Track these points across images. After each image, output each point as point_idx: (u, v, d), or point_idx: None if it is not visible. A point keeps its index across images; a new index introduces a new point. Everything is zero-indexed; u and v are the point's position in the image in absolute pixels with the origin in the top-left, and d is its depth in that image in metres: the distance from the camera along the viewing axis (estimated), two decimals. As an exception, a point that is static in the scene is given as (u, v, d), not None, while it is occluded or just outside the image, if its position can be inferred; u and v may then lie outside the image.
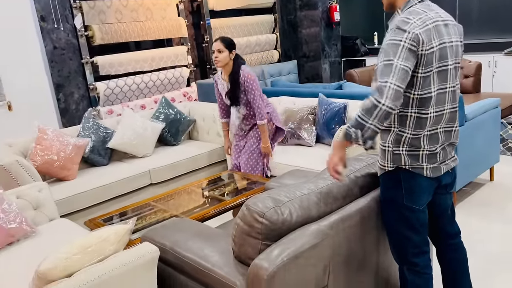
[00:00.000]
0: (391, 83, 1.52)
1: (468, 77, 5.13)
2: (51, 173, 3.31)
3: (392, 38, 1.57)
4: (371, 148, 1.65)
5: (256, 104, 3.24)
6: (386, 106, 1.52)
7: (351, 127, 1.61)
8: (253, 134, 3.42)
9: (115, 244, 1.69)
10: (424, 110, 1.63)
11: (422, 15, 1.60)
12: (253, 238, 1.58)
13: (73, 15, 4.83)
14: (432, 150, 1.68)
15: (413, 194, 1.70)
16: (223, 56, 3.17)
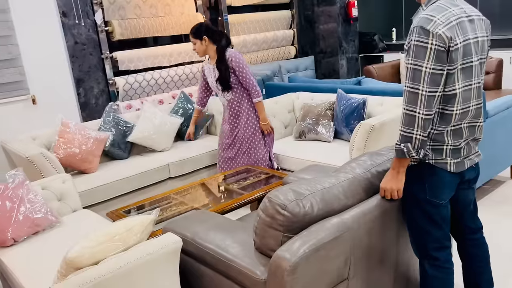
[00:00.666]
0: (423, 90, 1.54)
1: (489, 74, 5.05)
2: (73, 166, 3.38)
3: (417, 39, 1.55)
4: (425, 156, 1.67)
5: (248, 82, 3.23)
6: (423, 114, 1.56)
7: (400, 143, 1.64)
8: (244, 124, 3.37)
9: (139, 234, 1.73)
10: (449, 107, 1.63)
11: (446, 11, 1.58)
12: (275, 230, 1.60)
13: (93, 11, 4.90)
14: (456, 145, 1.67)
15: (436, 188, 1.69)
16: (198, 47, 3.20)
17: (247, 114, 3.36)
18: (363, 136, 2.90)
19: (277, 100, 4.11)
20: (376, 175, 1.86)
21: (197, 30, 3.19)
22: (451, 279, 1.80)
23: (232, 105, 3.35)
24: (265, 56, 6.59)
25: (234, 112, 3.37)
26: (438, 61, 1.54)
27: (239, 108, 3.36)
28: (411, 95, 1.58)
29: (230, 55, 3.18)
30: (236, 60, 3.18)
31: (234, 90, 3.28)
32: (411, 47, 1.57)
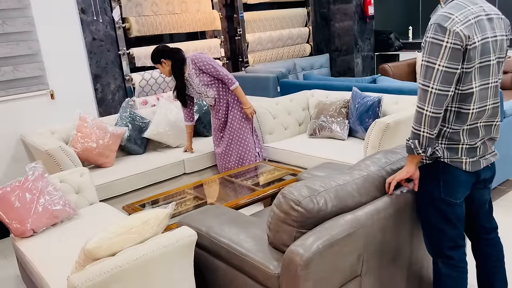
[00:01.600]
0: (433, 88, 1.55)
1: (507, 73, 4.98)
2: (90, 160, 3.44)
3: (434, 36, 1.54)
4: (433, 154, 1.67)
5: (220, 74, 3.33)
6: (430, 112, 1.56)
7: (409, 140, 1.66)
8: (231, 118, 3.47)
9: (155, 227, 1.76)
10: (465, 106, 1.62)
11: (464, 9, 1.56)
12: (289, 226, 1.62)
13: (111, 8, 4.96)
14: (472, 144, 1.66)
15: (451, 187, 1.69)
16: (161, 70, 3.38)
17: (232, 107, 3.46)
18: (378, 134, 2.89)
19: (292, 98, 4.12)
20: (391, 173, 1.86)
21: (154, 56, 3.36)
22: (465, 279, 1.79)
23: (219, 102, 3.45)
24: (280, 54, 6.60)
25: (222, 108, 3.46)
26: (452, 59, 1.53)
27: (224, 103, 3.45)
28: (421, 92, 1.58)
29: (193, 59, 3.30)
30: (200, 61, 3.29)
31: (214, 88, 3.38)
32: (426, 44, 1.57)
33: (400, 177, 1.74)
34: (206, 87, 3.37)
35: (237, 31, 6.15)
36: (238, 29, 6.13)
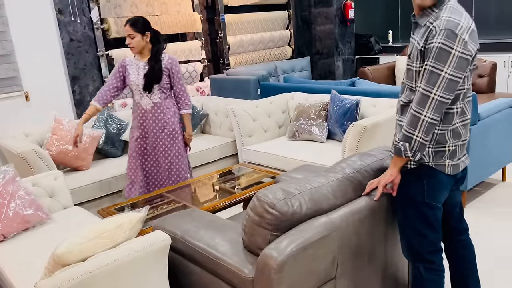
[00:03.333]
0: (436, 94, 1.53)
1: (482, 77, 5.07)
2: (65, 163, 3.38)
3: (444, 42, 1.50)
4: (420, 159, 1.66)
5: (182, 89, 3.04)
6: (429, 117, 1.54)
7: (400, 141, 1.62)
8: (166, 138, 3.04)
9: (128, 231, 1.73)
10: (453, 105, 1.63)
11: (463, 15, 1.55)
12: (263, 229, 1.60)
13: (89, 8, 4.90)
14: (455, 145, 1.68)
15: (434, 190, 1.69)
16: (136, 42, 2.87)
17: (172, 123, 3.04)
18: (355, 136, 2.91)
19: (272, 100, 4.12)
20: (366, 175, 1.86)
21: (140, 23, 2.88)
22: (443, 281, 1.81)
23: (158, 110, 2.98)
24: (262, 56, 6.60)
25: (158, 118, 3.00)
26: (459, 68, 1.51)
27: (163, 115, 3.01)
28: (421, 97, 1.55)
29: (171, 58, 2.99)
30: (177, 65, 3.00)
31: (162, 95, 2.98)
32: (433, 49, 1.53)
33: (385, 181, 1.72)
34: (159, 88, 2.97)
35: (218, 33, 6.14)
36: (219, 31, 6.12)
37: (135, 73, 2.94)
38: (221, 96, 5.11)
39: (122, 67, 2.98)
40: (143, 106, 2.99)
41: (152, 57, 2.93)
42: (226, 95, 5.05)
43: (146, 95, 2.96)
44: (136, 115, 3.04)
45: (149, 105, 2.98)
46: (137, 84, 2.94)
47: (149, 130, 3.02)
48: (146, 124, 3.01)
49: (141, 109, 3.00)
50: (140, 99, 2.98)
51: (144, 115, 3.00)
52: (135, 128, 3.06)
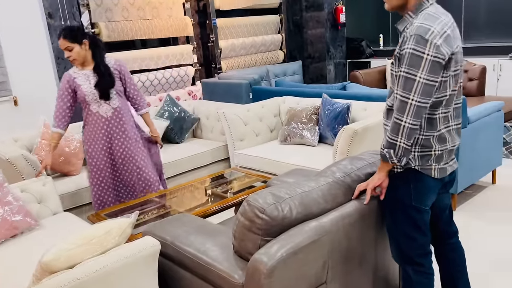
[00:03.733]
0: (413, 100, 1.54)
1: (472, 80, 5.12)
2: (55, 168, 3.34)
3: (414, 47, 1.52)
4: (406, 164, 1.68)
5: (136, 90, 2.96)
6: (409, 123, 1.56)
7: (384, 148, 1.65)
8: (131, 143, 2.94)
9: (117, 237, 1.71)
10: (436, 111, 1.64)
11: (438, 20, 1.56)
12: (253, 234, 1.60)
13: (80, 13, 4.88)
14: (442, 150, 1.68)
15: (421, 194, 1.70)
16: (75, 52, 2.70)
17: (132, 126, 2.97)
18: (346, 140, 2.92)
19: (264, 104, 4.12)
20: (356, 179, 1.87)
21: (75, 32, 2.71)
22: (433, 284, 1.81)
23: (118, 115, 2.88)
24: (253, 60, 6.61)
25: (120, 123, 2.90)
26: (432, 72, 1.52)
27: (125, 119, 2.92)
28: (400, 104, 1.57)
29: (118, 61, 2.90)
30: (125, 66, 2.91)
31: (119, 98, 2.89)
32: (405, 55, 1.55)
33: (373, 184, 1.74)
34: (116, 92, 2.86)
35: (210, 37, 6.14)
36: (211, 36, 6.12)
37: (87, 84, 2.79)
38: (213, 100, 5.10)
39: (70, 82, 2.79)
40: (102, 115, 2.84)
41: (98, 62, 2.80)
42: (218, 99, 5.05)
43: (104, 103, 2.83)
44: (94, 126, 2.87)
45: (110, 112, 2.85)
46: (92, 93, 2.79)
47: (114, 138, 2.90)
48: (109, 132, 2.88)
49: (100, 119, 2.85)
50: (98, 108, 2.83)
51: (105, 123, 2.86)
52: (96, 140, 2.88)
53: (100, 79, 2.78)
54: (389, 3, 1.68)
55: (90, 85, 2.79)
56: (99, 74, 2.79)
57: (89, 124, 2.89)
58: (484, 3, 6.14)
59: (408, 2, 1.64)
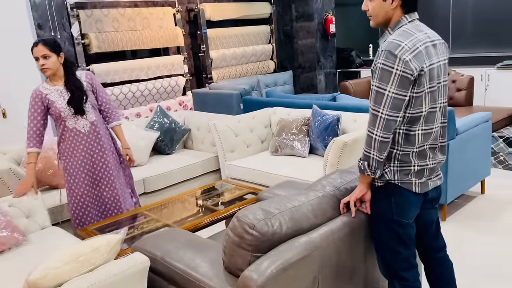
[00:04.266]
0: (383, 113, 1.59)
1: (460, 91, 5.18)
2: (44, 181, 3.31)
3: (384, 62, 1.57)
4: (382, 176, 1.71)
5: (109, 101, 2.93)
6: (380, 136, 1.60)
7: (360, 160, 1.70)
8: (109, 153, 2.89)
9: (106, 254, 1.69)
10: (413, 127, 1.66)
11: (412, 37, 1.60)
12: (243, 250, 1.59)
13: (70, 24, 4.87)
14: (422, 166, 1.70)
15: (402, 208, 1.72)
16: (52, 62, 2.65)
17: (108, 140, 2.93)
18: (336, 152, 2.93)
19: (254, 115, 4.13)
20: (345, 193, 1.87)
21: (55, 43, 2.70)
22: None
23: (96, 128, 2.84)
24: (244, 70, 6.64)
25: (98, 137, 2.86)
26: (401, 86, 1.57)
27: (102, 132, 2.88)
28: (372, 117, 1.63)
29: (88, 74, 2.87)
30: (96, 79, 2.89)
31: (95, 112, 2.85)
32: (377, 69, 1.60)
33: (354, 197, 1.77)
34: (91, 106, 2.83)
35: (200, 47, 6.15)
36: (201, 46, 6.13)
37: (61, 100, 2.72)
38: (204, 110, 5.11)
39: (42, 99, 2.72)
40: (80, 130, 2.79)
41: (70, 77, 2.76)
42: (208, 109, 5.05)
43: (81, 118, 2.78)
44: (71, 142, 2.80)
45: (87, 127, 2.80)
46: (68, 109, 2.73)
47: (93, 152, 2.84)
48: (87, 147, 2.82)
49: (78, 134, 2.79)
50: (75, 123, 2.77)
51: (83, 139, 2.80)
52: (74, 157, 2.81)
53: (72, 95, 2.73)
54: (375, 20, 1.72)
55: (65, 101, 2.73)
56: (71, 90, 2.73)
57: (66, 140, 2.81)
58: (471, 14, 6.24)
59: (391, 20, 1.68)
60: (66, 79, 2.75)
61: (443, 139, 1.77)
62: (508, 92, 5.41)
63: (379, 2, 1.66)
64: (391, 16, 1.67)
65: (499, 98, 5.53)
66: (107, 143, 2.91)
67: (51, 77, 2.75)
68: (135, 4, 5.55)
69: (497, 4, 5.93)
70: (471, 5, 6.20)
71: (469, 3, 6.21)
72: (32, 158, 2.71)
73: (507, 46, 5.93)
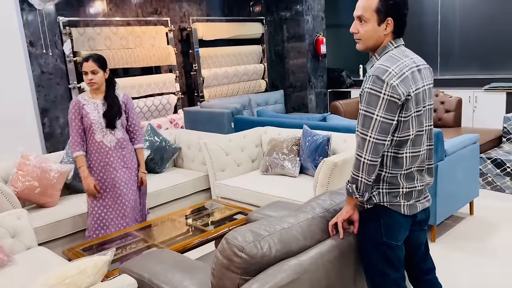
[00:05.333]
0: (371, 137, 1.60)
1: (449, 112, 5.26)
2: (31, 200, 3.26)
3: (371, 87, 1.59)
4: (370, 199, 1.71)
5: (138, 123, 3.11)
6: (368, 159, 1.62)
7: (349, 183, 1.71)
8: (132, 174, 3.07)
9: (93, 276, 1.67)
10: (401, 150, 1.68)
11: (399, 62, 1.63)
12: (232, 272, 1.57)
13: (62, 41, 4.88)
14: (410, 188, 1.72)
15: (392, 230, 1.72)
16: (99, 77, 2.88)
17: (132, 157, 3.09)
18: (326, 173, 2.94)
19: (245, 134, 4.14)
20: (335, 215, 1.87)
21: (102, 59, 2.92)
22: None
23: (121, 145, 3.00)
24: (236, 89, 6.68)
25: (122, 153, 3.02)
26: (389, 111, 1.59)
27: (127, 150, 3.05)
28: (360, 140, 1.64)
29: (125, 95, 3.07)
30: (131, 100, 3.09)
31: (122, 130, 3.02)
32: (364, 94, 1.63)
33: (342, 218, 1.76)
34: (120, 123, 3.01)
35: (192, 66, 6.20)
36: (193, 64, 6.17)
37: (95, 112, 2.91)
38: (195, 128, 5.11)
39: (79, 107, 2.90)
40: (106, 144, 2.96)
41: (111, 93, 2.97)
42: (200, 127, 5.06)
43: (109, 132, 2.95)
44: (99, 155, 2.96)
45: (113, 142, 2.97)
46: (99, 122, 2.91)
47: (117, 167, 2.99)
48: (111, 161, 2.98)
49: (104, 148, 2.95)
50: (103, 137, 2.94)
51: (108, 153, 2.97)
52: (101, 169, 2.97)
53: (109, 109, 2.92)
54: (365, 44, 1.73)
55: (98, 114, 2.92)
56: (109, 104, 2.93)
57: (93, 153, 2.97)
58: (458, 38, 6.38)
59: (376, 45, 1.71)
60: (107, 94, 2.96)
61: (430, 162, 1.79)
62: (495, 113, 5.50)
63: (373, 26, 1.67)
64: (382, 41, 1.70)
65: (487, 119, 5.62)
66: (130, 161, 3.06)
67: (93, 90, 2.94)
68: (127, 23, 5.60)
69: (483, 28, 6.08)
70: (459, 30, 6.35)
71: (456, 27, 6.36)
72: (82, 161, 2.91)
73: (494, 68, 6.06)
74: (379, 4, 1.64)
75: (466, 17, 6.24)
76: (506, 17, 5.82)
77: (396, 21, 1.66)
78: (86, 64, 2.86)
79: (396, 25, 1.67)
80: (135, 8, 5.68)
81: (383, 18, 1.65)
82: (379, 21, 1.66)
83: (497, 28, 5.93)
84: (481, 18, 6.08)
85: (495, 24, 5.94)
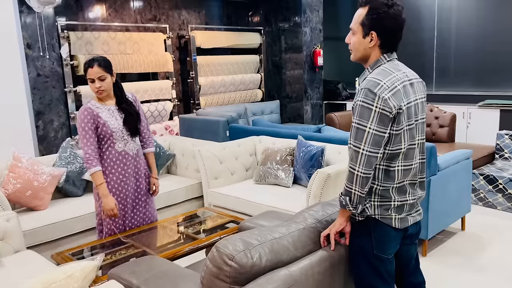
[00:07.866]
0: (364, 149, 1.61)
1: (443, 127, 5.30)
2: (22, 202, 3.24)
3: (364, 100, 1.61)
4: (363, 212, 1.72)
5: (148, 127, 2.88)
6: (361, 172, 1.62)
7: (342, 195, 1.72)
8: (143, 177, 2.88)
9: (80, 281, 1.65)
10: (393, 163, 1.69)
11: (391, 75, 1.64)
12: (221, 281, 1.56)
13: (59, 45, 4.88)
14: (401, 201, 1.72)
15: (382, 243, 1.72)
16: (107, 83, 2.59)
17: (144, 164, 2.90)
18: (320, 184, 2.94)
19: (240, 143, 4.14)
20: (326, 226, 1.86)
21: (109, 63, 2.63)
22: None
23: (138, 153, 2.81)
24: (232, 98, 6.69)
25: (142, 159, 2.87)
26: (381, 123, 1.60)
27: (141, 156, 2.86)
28: (353, 153, 1.64)
29: (133, 95, 2.80)
30: (139, 103, 2.82)
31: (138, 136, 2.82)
32: (357, 107, 1.63)
33: (335, 230, 1.76)
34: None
35: (190, 73, 6.21)
36: (191, 72, 6.19)
37: (113, 120, 2.64)
38: (190, 136, 5.10)
39: (93, 116, 2.60)
40: (129, 153, 2.72)
41: (122, 98, 2.70)
42: (195, 135, 5.05)
43: (131, 140, 2.73)
44: (123, 165, 2.72)
45: (135, 150, 2.76)
46: (121, 130, 2.66)
47: (140, 174, 2.83)
48: (138, 168, 2.81)
49: (126, 157, 2.72)
50: (124, 146, 2.70)
51: (131, 162, 2.75)
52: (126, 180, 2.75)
53: (128, 115, 2.68)
54: (355, 54, 1.76)
55: (117, 121, 2.65)
56: (125, 110, 2.68)
57: (114, 163, 2.70)
58: (455, 54, 6.45)
59: (370, 58, 1.73)
60: (120, 100, 2.69)
61: (422, 175, 1.80)
62: (488, 130, 5.54)
63: (359, 38, 1.71)
64: (369, 54, 1.72)
65: (480, 135, 5.66)
66: (143, 167, 2.87)
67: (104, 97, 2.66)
68: (126, 29, 5.61)
69: (479, 45, 6.15)
70: (454, 47, 6.42)
71: (452, 44, 6.44)
72: (101, 177, 2.61)
73: (488, 85, 6.12)
74: (364, 18, 1.68)
75: (462, 34, 6.32)
76: (501, 35, 5.90)
77: (382, 35, 1.67)
78: (91, 71, 2.54)
79: (382, 39, 1.68)
80: (134, 14, 5.70)
81: (367, 32, 1.68)
82: (364, 34, 1.69)
83: (492, 46, 6.00)
84: (477, 36, 6.15)
85: (491, 41, 6.01)
